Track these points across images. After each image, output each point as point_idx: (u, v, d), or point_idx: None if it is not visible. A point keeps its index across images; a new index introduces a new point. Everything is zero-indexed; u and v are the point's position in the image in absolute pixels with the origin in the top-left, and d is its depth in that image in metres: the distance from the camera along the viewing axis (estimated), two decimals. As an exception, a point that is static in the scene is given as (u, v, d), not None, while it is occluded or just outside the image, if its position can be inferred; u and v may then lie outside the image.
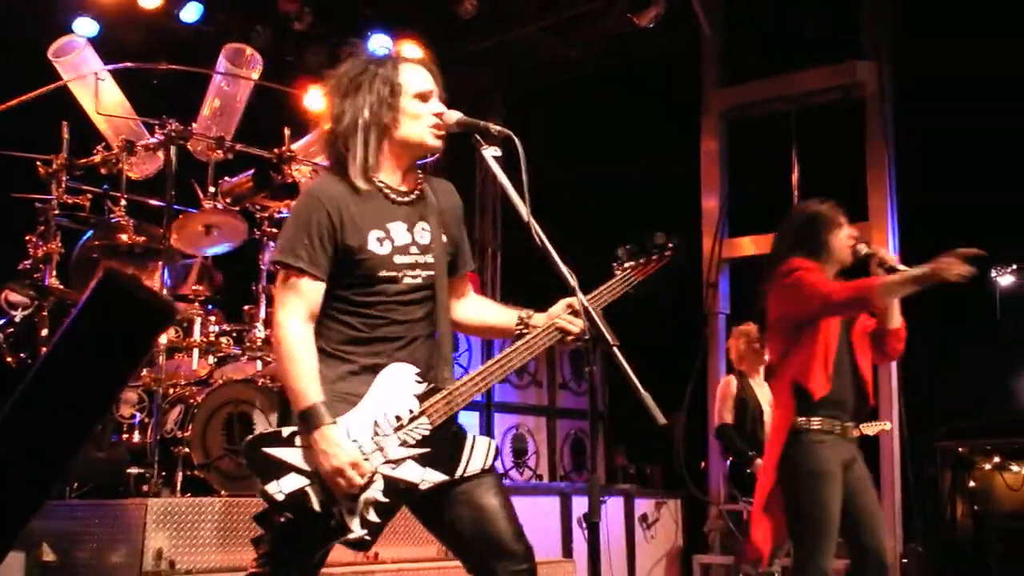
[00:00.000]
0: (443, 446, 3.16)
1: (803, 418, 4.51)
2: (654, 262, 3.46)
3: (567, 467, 9.87)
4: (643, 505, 9.24)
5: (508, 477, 9.29)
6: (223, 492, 5.69)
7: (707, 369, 9.58)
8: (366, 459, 3.06)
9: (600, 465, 9.95)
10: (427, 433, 3.14)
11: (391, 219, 3.22)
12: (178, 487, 5.75)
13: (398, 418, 3.13)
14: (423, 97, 3.26)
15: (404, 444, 3.12)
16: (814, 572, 4.45)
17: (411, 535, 5.76)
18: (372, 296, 3.18)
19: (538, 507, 8.24)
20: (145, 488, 5.67)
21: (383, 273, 3.18)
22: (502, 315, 3.48)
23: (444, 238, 3.32)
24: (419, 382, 3.18)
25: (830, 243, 4.71)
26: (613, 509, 8.81)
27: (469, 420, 8.90)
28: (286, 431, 3.09)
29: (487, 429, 9.13)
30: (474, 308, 3.51)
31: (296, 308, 3.12)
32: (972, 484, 9.57)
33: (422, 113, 3.24)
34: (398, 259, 3.20)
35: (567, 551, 8.23)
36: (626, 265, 3.44)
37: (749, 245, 9.70)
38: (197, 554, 5.17)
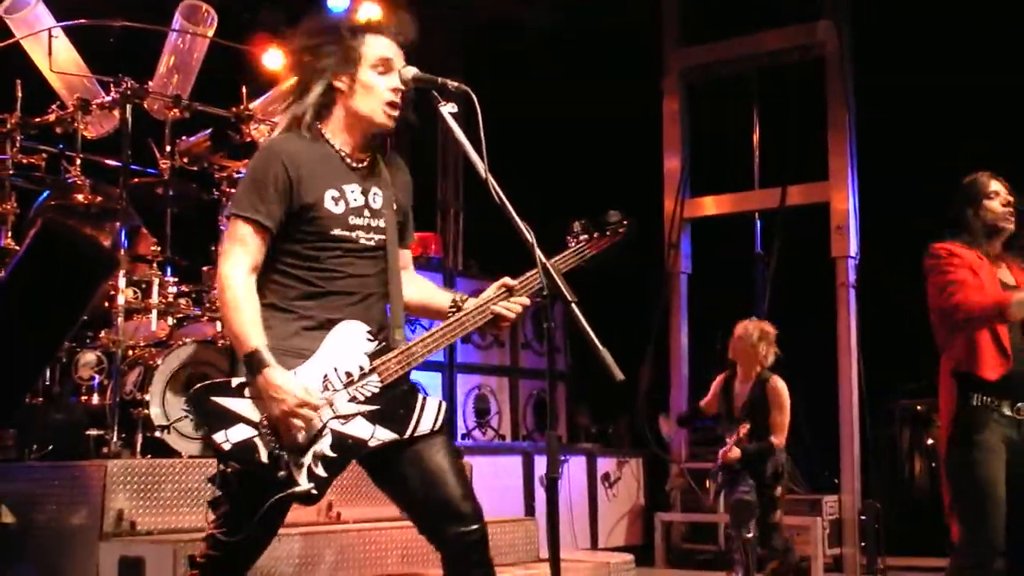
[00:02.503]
0: (394, 405, 3.16)
1: (964, 399, 4.31)
2: (608, 237, 3.46)
3: (530, 427, 9.89)
4: (605, 464, 9.30)
5: (471, 437, 9.30)
6: (183, 454, 5.67)
7: (669, 329, 9.63)
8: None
9: (562, 424, 10.00)
10: (377, 391, 3.15)
11: (346, 181, 3.23)
12: (138, 449, 5.73)
13: (348, 374, 3.14)
14: (383, 68, 3.23)
15: (354, 400, 3.13)
16: (977, 548, 4.17)
17: (373, 495, 5.70)
18: (327, 251, 3.18)
19: (501, 467, 8.27)
20: (105, 450, 5.65)
21: (337, 231, 3.18)
22: (437, 295, 3.48)
23: (395, 206, 3.33)
24: (370, 340, 3.18)
25: (980, 217, 4.46)
26: (575, 468, 8.86)
27: (431, 380, 8.90)
28: (235, 381, 3.09)
29: (449, 389, 9.13)
30: (410, 283, 3.50)
31: (240, 259, 3.12)
32: (930, 442, 9.68)
33: (377, 88, 3.22)
34: (352, 220, 3.21)
35: (529, 510, 8.27)
36: (581, 237, 3.44)
37: (711, 204, 9.73)
38: (157, 515, 5.17)
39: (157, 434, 5.72)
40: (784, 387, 6.92)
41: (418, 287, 3.48)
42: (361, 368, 3.15)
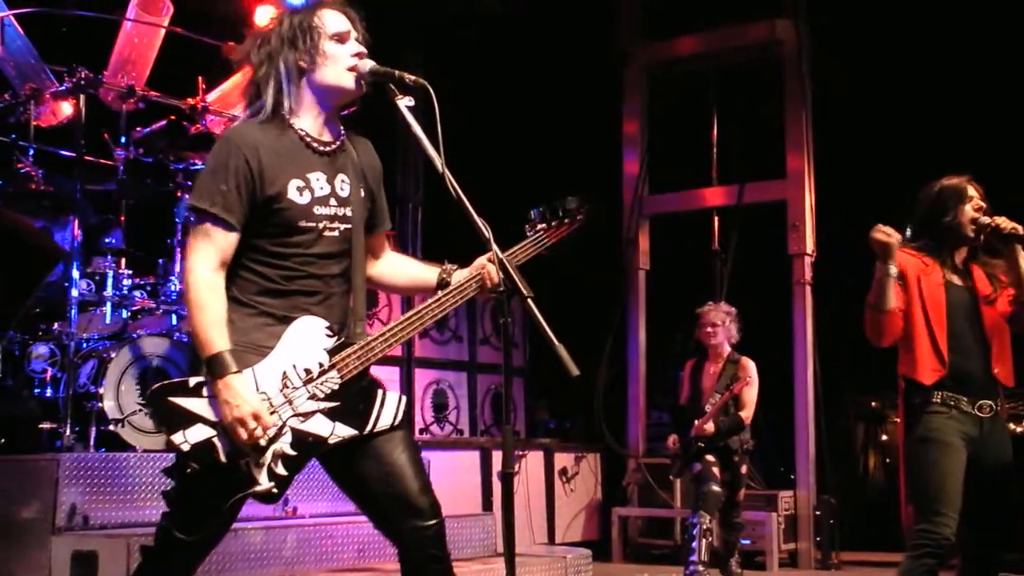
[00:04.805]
0: (353, 401, 3.13)
1: (918, 396, 4.31)
2: (566, 225, 3.44)
3: (488, 422, 9.89)
4: (562, 459, 9.30)
5: (428, 432, 9.28)
6: (137, 447, 5.63)
7: (627, 325, 9.65)
8: (273, 412, 3.03)
9: (520, 419, 10.00)
10: (337, 387, 3.12)
11: (311, 169, 3.18)
12: (91, 442, 5.68)
13: (307, 371, 3.10)
14: (340, 39, 3.21)
15: (313, 397, 3.09)
16: (930, 541, 4.14)
17: (329, 491, 5.75)
18: (290, 247, 3.14)
19: (459, 462, 8.25)
20: (58, 444, 5.60)
21: (302, 223, 3.13)
22: (423, 271, 3.46)
23: (362, 193, 3.29)
24: (329, 336, 3.15)
25: (952, 225, 4.36)
26: (533, 463, 8.85)
27: (389, 375, 8.87)
28: (193, 381, 3.05)
29: (407, 384, 9.10)
30: (393, 265, 3.49)
31: (207, 255, 3.07)
32: (884, 438, 9.78)
33: (339, 55, 3.19)
34: (318, 210, 3.16)
35: (487, 505, 8.25)
36: (538, 227, 3.43)
37: (669, 201, 9.76)
38: (111, 509, 5.13)
39: (111, 428, 5.67)
40: (754, 366, 7.14)
41: (399, 265, 3.48)
42: (320, 364, 3.12)
